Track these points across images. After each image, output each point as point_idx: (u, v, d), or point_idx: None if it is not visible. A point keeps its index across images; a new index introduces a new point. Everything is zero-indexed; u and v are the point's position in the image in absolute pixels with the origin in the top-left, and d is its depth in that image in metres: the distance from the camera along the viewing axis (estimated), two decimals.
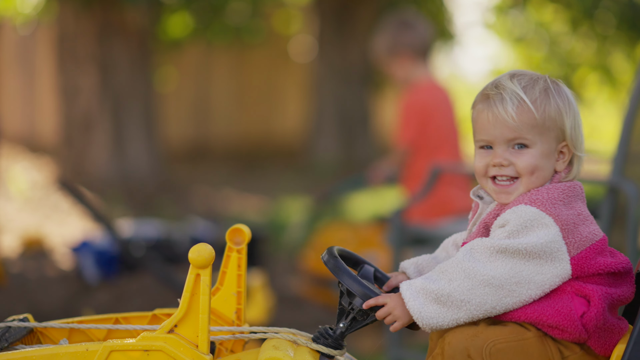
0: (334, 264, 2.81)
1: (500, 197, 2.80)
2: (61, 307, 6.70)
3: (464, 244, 2.78)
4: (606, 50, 15.72)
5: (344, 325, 2.81)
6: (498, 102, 2.78)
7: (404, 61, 6.52)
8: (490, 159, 2.80)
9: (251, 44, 14.69)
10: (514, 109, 2.76)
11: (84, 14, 11.71)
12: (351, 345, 5.29)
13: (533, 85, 2.80)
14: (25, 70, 15.97)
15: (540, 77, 2.83)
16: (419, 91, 6.48)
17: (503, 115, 2.76)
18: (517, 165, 2.77)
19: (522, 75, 2.82)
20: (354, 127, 15.16)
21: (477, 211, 2.88)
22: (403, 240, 5.48)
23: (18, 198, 11.51)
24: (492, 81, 2.86)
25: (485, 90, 2.83)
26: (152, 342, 2.64)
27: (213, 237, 7.27)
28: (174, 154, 14.59)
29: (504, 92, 2.78)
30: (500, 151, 2.79)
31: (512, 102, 2.77)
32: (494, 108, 2.78)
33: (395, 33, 6.53)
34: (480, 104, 2.82)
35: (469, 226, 2.89)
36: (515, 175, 2.78)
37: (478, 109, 2.82)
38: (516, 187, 2.78)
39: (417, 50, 6.52)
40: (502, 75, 2.86)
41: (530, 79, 2.81)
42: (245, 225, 2.96)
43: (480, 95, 2.84)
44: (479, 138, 2.83)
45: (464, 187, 6.47)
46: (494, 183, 2.81)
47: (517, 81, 2.80)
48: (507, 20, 17.22)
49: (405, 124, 6.45)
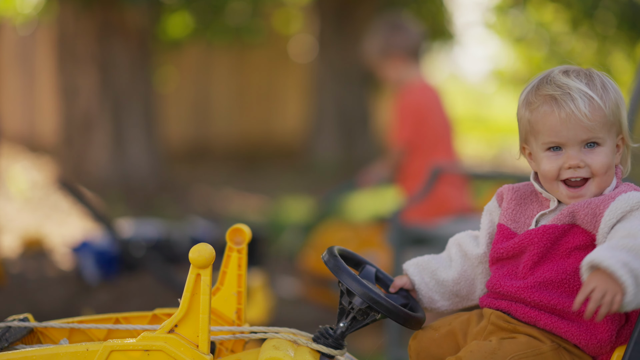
0: (334, 264, 2.81)
1: (573, 202, 2.72)
2: (61, 307, 6.70)
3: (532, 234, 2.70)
4: (606, 50, 15.71)
5: (344, 324, 2.81)
6: (569, 101, 2.68)
7: (396, 62, 6.57)
8: (564, 161, 2.71)
9: (251, 44, 14.69)
10: (586, 107, 2.67)
11: (84, 14, 11.71)
12: (351, 345, 5.28)
13: (593, 80, 2.72)
14: (25, 70, 15.97)
15: (592, 71, 2.75)
16: (412, 92, 6.52)
17: (577, 115, 2.67)
18: (593, 166, 2.70)
19: (576, 71, 2.74)
20: (354, 127, 15.16)
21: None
22: (403, 240, 5.48)
23: (18, 198, 11.50)
24: (543, 79, 2.75)
25: (546, 90, 2.72)
26: (153, 342, 2.64)
27: (213, 237, 7.27)
28: (174, 154, 14.59)
29: (571, 91, 2.69)
30: (574, 152, 2.70)
31: (582, 101, 2.67)
32: (565, 108, 2.68)
33: (387, 35, 6.58)
34: (546, 105, 2.71)
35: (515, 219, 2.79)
36: (589, 176, 2.71)
37: (544, 111, 2.71)
38: (588, 188, 2.71)
39: (409, 52, 6.57)
40: (553, 73, 2.76)
41: (586, 74, 2.73)
42: (246, 225, 2.96)
43: (542, 97, 2.72)
44: (546, 140, 2.72)
45: (461, 186, 6.48)
46: (566, 187, 2.72)
47: (577, 77, 2.71)
48: (507, 20, 17.22)
49: (401, 125, 6.48)
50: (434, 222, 6.29)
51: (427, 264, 2.96)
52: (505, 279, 2.77)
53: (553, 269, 2.69)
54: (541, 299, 2.69)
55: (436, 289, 2.94)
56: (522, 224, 2.80)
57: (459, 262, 2.92)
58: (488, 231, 2.89)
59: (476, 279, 2.91)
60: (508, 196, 2.85)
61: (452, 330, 2.83)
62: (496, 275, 2.81)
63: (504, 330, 2.74)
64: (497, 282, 2.79)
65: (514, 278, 2.76)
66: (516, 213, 2.82)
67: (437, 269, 2.94)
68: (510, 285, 2.75)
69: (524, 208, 2.82)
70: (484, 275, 2.91)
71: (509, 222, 2.81)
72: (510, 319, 2.75)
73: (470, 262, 2.91)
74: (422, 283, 2.95)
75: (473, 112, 24.85)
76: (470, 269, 2.91)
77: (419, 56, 6.68)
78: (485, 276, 2.90)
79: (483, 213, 2.92)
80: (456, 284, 2.92)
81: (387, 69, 6.62)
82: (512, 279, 2.76)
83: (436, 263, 2.95)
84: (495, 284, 2.80)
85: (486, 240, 2.89)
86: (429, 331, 2.86)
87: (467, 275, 2.91)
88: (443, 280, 2.92)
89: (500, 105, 25.64)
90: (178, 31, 13.29)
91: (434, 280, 2.94)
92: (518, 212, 2.82)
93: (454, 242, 2.96)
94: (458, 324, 2.84)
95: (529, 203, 2.83)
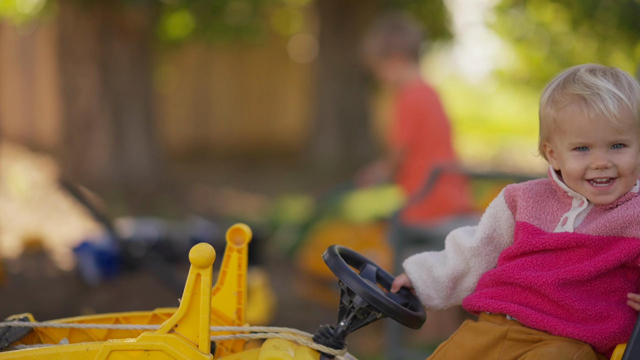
0: (334, 262, 2.81)
1: (599, 199, 2.72)
2: (61, 307, 6.70)
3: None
4: (606, 50, 15.70)
5: (344, 324, 2.81)
6: (599, 102, 2.66)
7: (396, 63, 6.58)
8: (590, 161, 2.70)
9: (251, 44, 14.68)
10: (615, 108, 2.65)
11: (84, 13, 11.71)
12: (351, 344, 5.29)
13: (620, 80, 2.70)
14: (25, 70, 15.97)
15: (618, 70, 2.73)
16: (412, 92, 6.53)
17: (607, 116, 2.65)
18: (620, 167, 2.68)
19: (602, 70, 2.72)
20: (354, 127, 15.16)
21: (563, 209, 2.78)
22: (403, 240, 5.48)
23: (18, 198, 11.50)
24: (569, 77, 2.73)
25: (573, 89, 2.70)
26: (153, 341, 2.64)
27: (213, 237, 7.27)
28: (174, 154, 14.59)
29: (600, 91, 2.67)
30: (601, 153, 2.68)
31: (612, 102, 2.65)
32: (595, 109, 2.66)
33: (387, 35, 6.59)
34: (574, 104, 2.69)
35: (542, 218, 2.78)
36: (615, 176, 2.70)
37: (572, 110, 2.69)
38: (616, 187, 2.71)
39: (408, 52, 6.58)
40: (580, 72, 2.73)
41: (612, 74, 2.71)
42: (246, 225, 2.96)
43: (570, 96, 2.70)
44: (573, 140, 2.70)
45: (461, 186, 6.49)
46: (591, 185, 2.71)
47: (604, 77, 2.69)
48: (507, 20, 17.22)
49: (402, 125, 6.49)
50: (434, 222, 6.29)
51: (424, 260, 2.95)
52: (525, 271, 2.75)
53: (584, 270, 2.70)
54: (560, 297, 2.70)
55: (433, 286, 2.93)
56: (544, 220, 2.79)
57: (452, 257, 2.92)
58: (488, 229, 2.87)
59: (469, 272, 2.91)
60: (524, 195, 2.83)
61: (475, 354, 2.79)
62: (512, 266, 2.78)
63: (524, 342, 2.73)
64: (513, 273, 2.77)
65: (539, 270, 2.75)
66: (537, 210, 2.80)
67: (433, 265, 2.94)
68: (532, 276, 2.73)
69: (542, 205, 2.81)
70: (477, 269, 2.90)
71: (532, 219, 2.79)
72: (530, 330, 2.73)
73: (463, 255, 2.90)
74: (419, 280, 2.94)
75: (473, 112, 24.84)
76: (464, 262, 2.90)
77: (418, 57, 6.69)
78: (478, 270, 2.90)
79: (487, 210, 2.89)
80: (450, 280, 2.91)
81: (387, 70, 6.64)
82: (536, 271, 2.74)
83: (433, 259, 2.95)
84: (511, 274, 2.77)
85: (483, 235, 2.88)
86: (452, 348, 2.81)
87: (461, 269, 2.91)
88: (438, 276, 2.92)
89: (500, 105, 25.65)
90: (178, 31, 13.29)
91: (431, 277, 2.93)
92: (539, 210, 2.80)
93: (449, 238, 2.95)
94: (478, 347, 2.79)
95: (546, 200, 2.81)
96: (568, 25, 15.77)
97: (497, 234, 2.89)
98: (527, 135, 20.77)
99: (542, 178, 2.90)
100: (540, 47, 17.13)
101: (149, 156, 12.23)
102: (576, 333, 2.70)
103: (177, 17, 13.15)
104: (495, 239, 2.89)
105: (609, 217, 2.71)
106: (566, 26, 15.98)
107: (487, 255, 2.90)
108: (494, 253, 2.90)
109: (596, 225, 2.71)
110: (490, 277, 2.83)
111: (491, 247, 2.90)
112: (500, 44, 19.54)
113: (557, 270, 2.72)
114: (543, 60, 17.17)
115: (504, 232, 2.88)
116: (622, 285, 2.73)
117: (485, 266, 2.90)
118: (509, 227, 2.87)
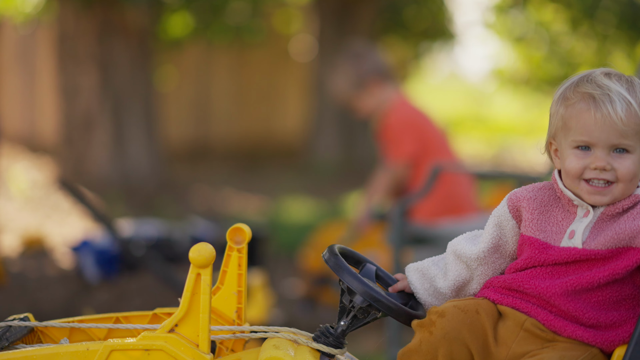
0: (334, 262, 2.81)
1: (593, 198, 2.71)
2: (61, 307, 6.70)
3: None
4: (606, 50, 15.70)
5: (344, 323, 2.81)
6: (607, 102, 2.66)
7: (373, 89, 6.56)
8: (590, 161, 2.69)
9: (251, 43, 14.68)
10: (623, 111, 2.65)
11: (84, 13, 11.71)
12: (351, 344, 5.30)
13: (633, 87, 2.70)
14: (25, 70, 15.97)
15: (634, 78, 2.73)
16: (398, 108, 6.53)
17: (613, 118, 2.65)
18: (619, 171, 2.68)
19: (618, 75, 2.72)
20: (354, 127, 15.14)
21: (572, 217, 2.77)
22: (403, 239, 5.48)
23: (18, 198, 11.50)
24: (584, 78, 2.73)
25: (585, 88, 2.71)
26: (153, 341, 2.64)
27: (213, 237, 7.27)
28: (174, 154, 14.59)
29: (611, 92, 2.67)
30: (602, 154, 2.68)
31: (620, 104, 2.65)
32: (602, 109, 2.66)
33: (354, 66, 6.56)
34: (583, 102, 2.69)
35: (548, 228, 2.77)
36: (613, 180, 2.69)
37: (580, 108, 2.70)
38: (611, 190, 2.70)
39: (380, 74, 6.56)
40: (595, 74, 2.73)
41: (627, 80, 2.71)
42: (246, 224, 2.96)
43: (580, 94, 2.71)
44: (577, 138, 2.70)
45: (468, 186, 6.48)
46: (587, 184, 2.71)
47: (618, 81, 2.69)
48: (507, 19, 17.21)
49: (401, 141, 6.45)
50: (437, 222, 6.29)
51: (427, 270, 2.93)
52: (534, 280, 2.75)
53: (594, 279, 2.70)
54: (569, 307, 2.70)
55: (435, 295, 2.92)
56: (550, 232, 2.77)
57: (454, 269, 2.90)
58: (494, 238, 2.85)
59: (473, 280, 2.90)
60: (528, 207, 2.81)
61: (480, 320, 2.76)
62: (521, 276, 2.77)
63: (539, 338, 2.72)
64: (522, 282, 2.76)
65: (548, 278, 2.74)
66: (542, 222, 2.78)
67: (435, 276, 2.91)
68: (541, 285, 2.73)
69: (547, 216, 2.79)
70: (482, 277, 2.88)
71: (538, 233, 2.78)
72: (544, 327, 2.73)
73: (466, 264, 2.89)
74: (422, 289, 2.93)
75: (473, 111, 24.84)
76: (467, 271, 2.89)
77: (390, 75, 6.68)
78: (483, 277, 2.88)
79: (490, 218, 2.87)
80: (453, 290, 2.90)
81: (366, 99, 6.60)
82: (545, 280, 2.74)
83: (435, 269, 2.92)
84: (520, 283, 2.76)
85: (489, 244, 2.85)
86: (456, 312, 2.76)
87: (463, 278, 2.90)
88: (440, 287, 2.91)
89: (500, 104, 25.64)
90: (178, 31, 13.29)
91: (433, 287, 2.92)
92: (543, 221, 2.79)
93: (450, 249, 2.92)
94: (485, 315, 2.77)
95: (551, 210, 2.80)
96: (568, 25, 15.77)
97: (502, 242, 2.87)
98: (527, 134, 20.77)
99: (544, 181, 2.88)
100: (540, 47, 17.12)
101: (149, 156, 12.23)
102: (585, 337, 2.69)
103: (177, 17, 13.15)
104: (501, 247, 2.87)
105: (616, 229, 2.70)
106: (566, 26, 15.97)
107: (493, 263, 2.88)
108: (499, 260, 2.88)
109: (604, 239, 2.70)
110: (500, 283, 2.82)
111: (497, 255, 2.88)
112: (500, 44, 19.53)
113: (566, 278, 2.72)
114: (543, 60, 17.16)
115: (509, 240, 2.87)
116: (632, 291, 2.73)
117: (492, 273, 2.89)
118: (514, 236, 2.86)
